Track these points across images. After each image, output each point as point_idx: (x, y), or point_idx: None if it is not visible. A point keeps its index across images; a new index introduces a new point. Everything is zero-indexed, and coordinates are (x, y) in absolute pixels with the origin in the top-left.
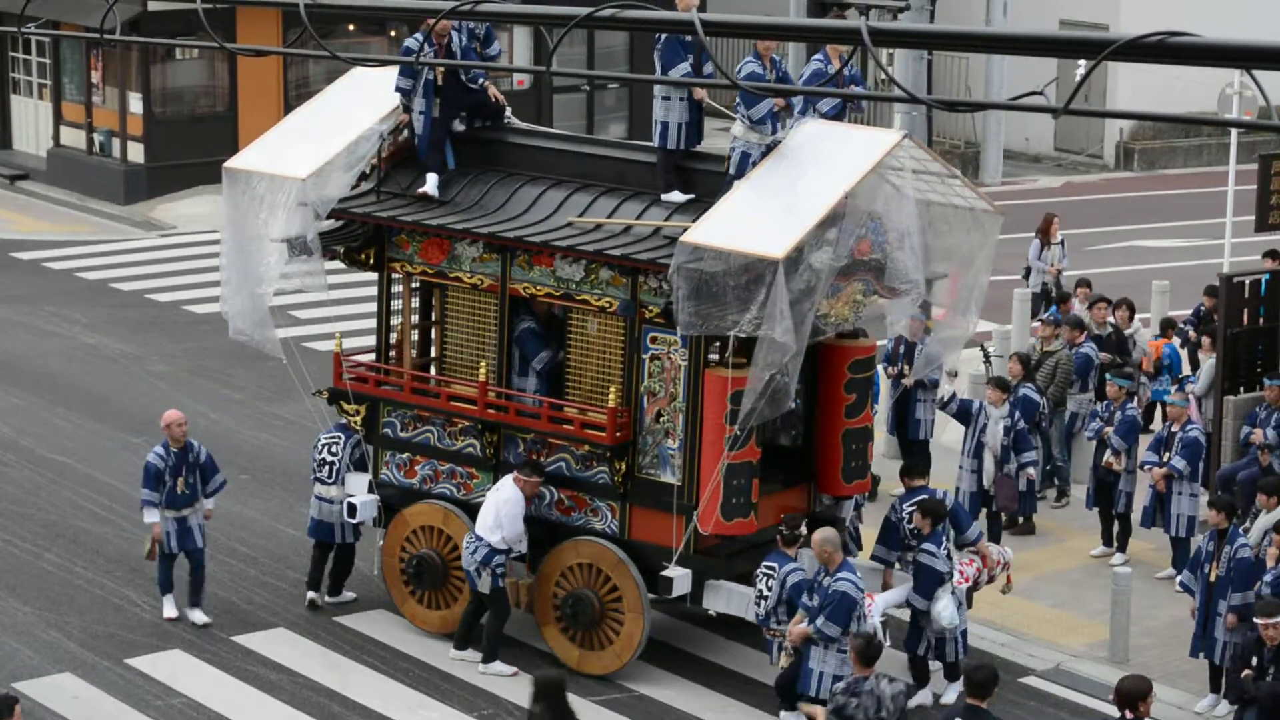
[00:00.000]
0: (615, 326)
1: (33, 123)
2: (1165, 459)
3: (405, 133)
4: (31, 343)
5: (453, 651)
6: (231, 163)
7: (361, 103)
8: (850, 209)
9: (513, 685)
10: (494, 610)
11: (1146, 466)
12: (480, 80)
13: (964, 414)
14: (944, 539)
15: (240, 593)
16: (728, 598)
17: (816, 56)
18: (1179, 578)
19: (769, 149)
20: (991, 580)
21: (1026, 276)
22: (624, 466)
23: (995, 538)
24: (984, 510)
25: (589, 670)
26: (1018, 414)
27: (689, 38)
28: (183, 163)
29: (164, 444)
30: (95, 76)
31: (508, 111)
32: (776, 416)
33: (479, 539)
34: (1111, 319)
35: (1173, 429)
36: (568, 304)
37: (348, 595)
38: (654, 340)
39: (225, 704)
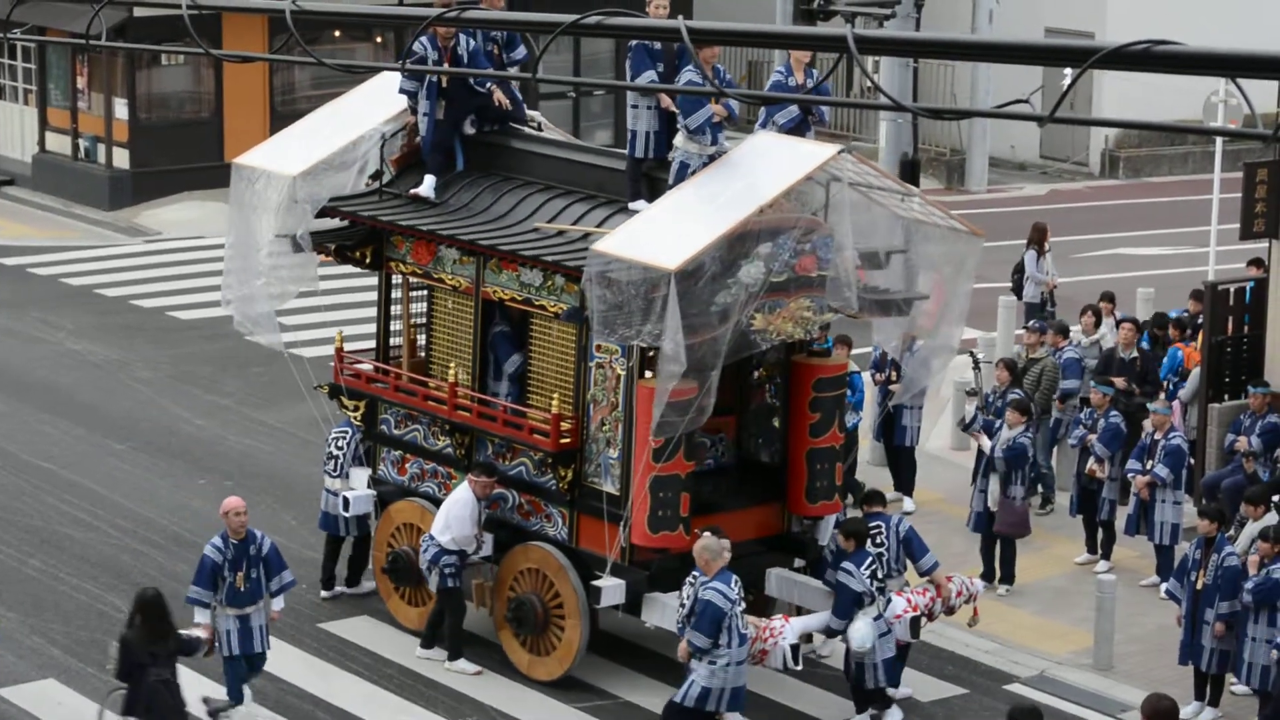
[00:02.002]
0: (569, 333)
1: (18, 128)
2: (1148, 467)
3: (419, 135)
4: (16, 348)
5: (419, 650)
6: (239, 159)
7: (375, 104)
8: (787, 224)
9: (496, 691)
10: (447, 609)
11: (1131, 474)
12: (486, 84)
13: (988, 434)
14: (869, 560)
15: None
16: (662, 612)
17: (777, 69)
18: (1165, 585)
19: (711, 159)
20: (950, 612)
21: (1017, 288)
22: (570, 473)
23: (1005, 562)
24: (990, 532)
25: (537, 676)
26: (1022, 434)
27: (658, 46)
28: (168, 168)
29: (222, 535)
30: (81, 82)
31: (538, 116)
32: (693, 430)
33: (431, 539)
34: (1095, 338)
35: (1155, 436)
36: (529, 309)
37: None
38: (599, 348)
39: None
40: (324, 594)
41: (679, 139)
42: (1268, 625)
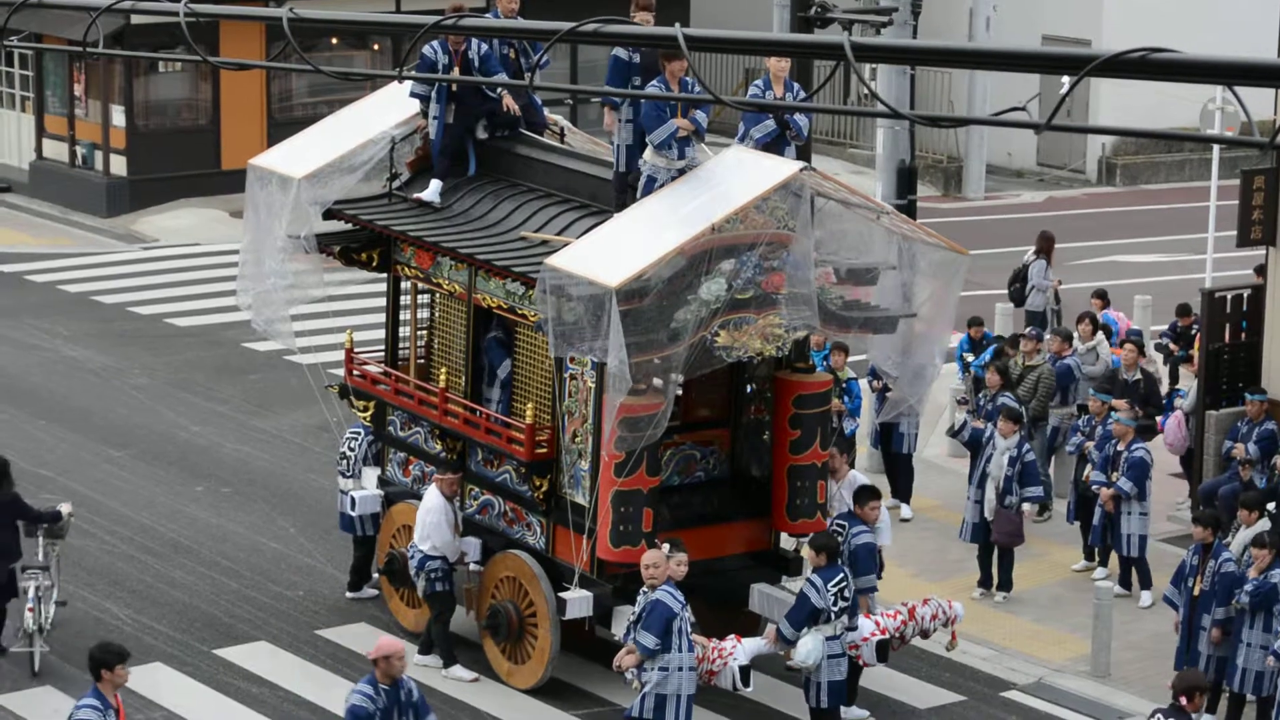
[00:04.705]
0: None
1: (15, 135)
2: (1113, 479)
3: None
4: (13, 355)
5: (416, 657)
6: (254, 159)
7: (389, 108)
8: (750, 240)
9: (492, 698)
10: (433, 615)
11: (1095, 487)
12: (497, 89)
13: (975, 443)
14: (839, 577)
15: (222, 606)
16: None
17: (755, 83)
18: (1145, 594)
19: (680, 173)
20: (925, 635)
21: (1017, 297)
22: (545, 484)
23: (1002, 569)
24: (986, 541)
25: (516, 684)
26: (1026, 446)
27: (636, 58)
28: (165, 175)
29: (370, 680)
30: (78, 89)
31: (562, 121)
32: (651, 444)
33: (414, 547)
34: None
35: (1118, 448)
36: (514, 317)
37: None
38: (572, 360)
39: (207, 718)
40: (349, 594)
41: (647, 153)
42: (1263, 630)
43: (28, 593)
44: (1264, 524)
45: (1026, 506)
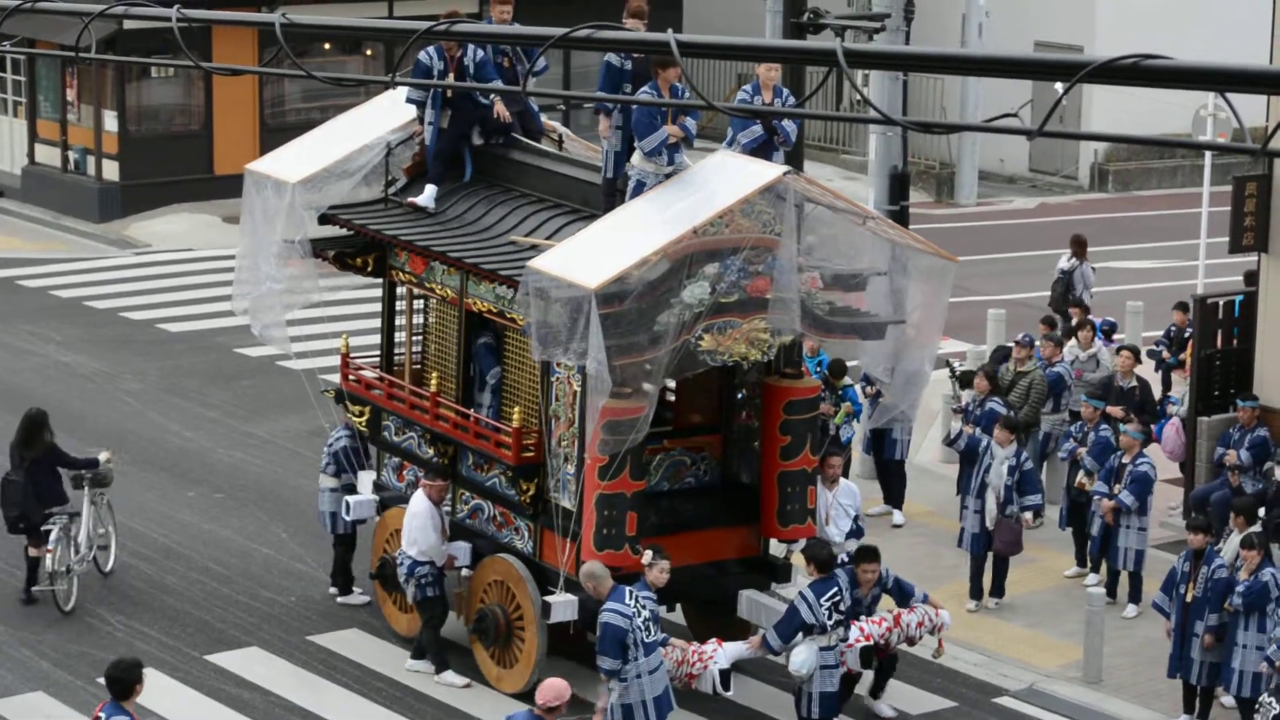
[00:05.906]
0: None
1: (7, 140)
2: (1115, 491)
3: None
4: (5, 360)
5: (408, 662)
6: (251, 165)
7: (386, 114)
8: (733, 244)
9: (484, 703)
10: (424, 620)
11: (1097, 498)
12: (489, 95)
13: (970, 452)
14: (834, 591)
15: (214, 611)
16: None
17: (744, 88)
18: (1129, 603)
19: (668, 178)
20: (911, 643)
21: (1073, 303)
22: (532, 487)
23: (997, 575)
24: (986, 551)
25: (505, 688)
26: (1024, 454)
27: (628, 65)
28: (158, 181)
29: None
30: (70, 94)
31: (559, 128)
32: (634, 448)
33: (403, 553)
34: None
35: (1123, 460)
36: (503, 321)
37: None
38: (559, 364)
39: None
40: (340, 599)
41: (635, 158)
42: (1257, 631)
43: (50, 535)
44: (1256, 530)
45: (1029, 516)
